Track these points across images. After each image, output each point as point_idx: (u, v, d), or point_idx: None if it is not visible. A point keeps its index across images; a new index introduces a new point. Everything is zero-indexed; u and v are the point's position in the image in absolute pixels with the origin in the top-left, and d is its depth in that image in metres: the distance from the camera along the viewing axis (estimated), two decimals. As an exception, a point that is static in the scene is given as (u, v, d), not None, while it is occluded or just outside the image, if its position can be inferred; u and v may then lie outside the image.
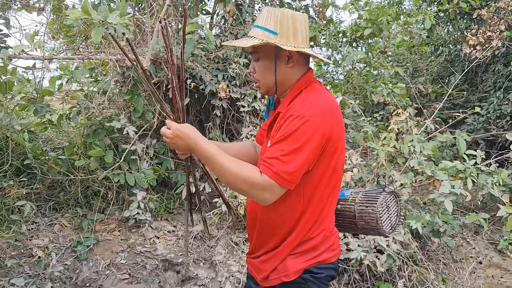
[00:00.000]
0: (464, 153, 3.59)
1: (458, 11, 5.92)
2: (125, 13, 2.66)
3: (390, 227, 1.92)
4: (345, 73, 6.49)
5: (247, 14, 4.65)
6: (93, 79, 4.52)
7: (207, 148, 1.51)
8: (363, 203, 1.88)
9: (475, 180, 3.34)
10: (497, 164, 4.77)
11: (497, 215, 3.59)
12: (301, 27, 1.59)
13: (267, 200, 1.48)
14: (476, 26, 5.83)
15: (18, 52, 2.97)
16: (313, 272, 1.61)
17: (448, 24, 7.27)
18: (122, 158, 3.93)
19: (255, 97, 4.51)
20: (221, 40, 4.52)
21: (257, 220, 1.69)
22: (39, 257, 3.44)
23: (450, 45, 7.24)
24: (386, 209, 1.90)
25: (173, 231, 4.15)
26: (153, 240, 3.94)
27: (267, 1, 5.04)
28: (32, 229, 3.76)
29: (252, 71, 1.67)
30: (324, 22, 5.58)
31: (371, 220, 1.85)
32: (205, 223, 2.10)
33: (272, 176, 1.44)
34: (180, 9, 4.63)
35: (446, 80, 7.10)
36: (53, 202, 4.06)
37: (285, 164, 1.44)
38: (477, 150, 3.59)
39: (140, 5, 4.65)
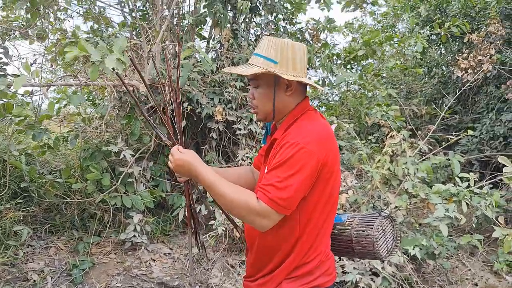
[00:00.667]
0: (457, 176, 3.62)
1: (449, 35, 6.04)
2: (124, 47, 2.72)
3: (386, 251, 1.93)
4: (340, 95, 6.57)
5: (243, 39, 4.74)
6: (91, 102, 4.57)
7: (207, 175, 1.57)
8: (359, 227, 1.90)
9: (468, 203, 3.37)
10: (491, 185, 4.81)
11: (492, 236, 3.61)
12: (300, 56, 1.64)
13: (264, 226, 1.52)
14: (467, 50, 5.94)
15: (17, 88, 3.01)
16: None
17: (441, 46, 7.40)
18: (119, 181, 3.96)
19: (251, 120, 4.57)
20: (217, 64, 4.59)
21: (255, 245, 1.72)
22: (34, 281, 3.43)
23: (443, 67, 7.35)
24: (383, 233, 1.92)
25: (169, 253, 4.14)
26: (149, 263, 3.94)
27: (262, 25, 5.13)
28: (27, 252, 3.75)
29: (251, 97, 1.72)
30: (319, 45, 5.68)
31: (367, 244, 1.86)
32: (203, 246, 2.12)
33: (268, 203, 1.48)
34: (179, 33, 4.71)
35: (440, 102, 7.19)
36: (49, 225, 4.07)
37: (280, 191, 1.47)
38: (470, 173, 3.63)
39: (137, 29, 4.73)
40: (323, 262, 1.67)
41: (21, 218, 3.76)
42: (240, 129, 4.51)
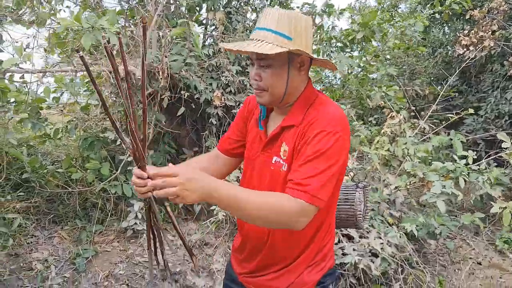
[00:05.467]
0: (456, 154, 3.59)
1: (451, 13, 5.92)
2: (115, 22, 2.71)
3: (362, 218, 1.97)
4: (342, 78, 6.49)
5: (238, 23, 4.69)
6: (90, 92, 4.56)
7: (228, 189, 1.31)
8: (340, 202, 1.90)
9: (466, 179, 3.33)
10: (496, 164, 4.75)
11: (490, 211, 3.56)
12: (310, 31, 1.48)
13: (303, 225, 1.38)
14: (468, 26, 5.83)
15: (7, 67, 3.01)
16: (321, 282, 1.60)
17: (444, 25, 7.28)
18: (119, 169, 3.96)
19: (250, 104, 4.52)
20: (213, 49, 4.55)
21: (267, 242, 1.61)
22: (39, 270, 3.47)
23: (448, 47, 7.22)
24: (360, 204, 1.94)
25: (171, 240, 4.16)
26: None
27: (257, 9, 5.07)
28: (31, 242, 3.79)
29: (258, 79, 1.49)
30: (315, 27, 5.59)
31: (349, 218, 1.91)
32: (167, 266, 1.90)
33: (309, 200, 1.35)
34: (174, 19, 4.67)
35: (445, 82, 7.09)
36: (52, 215, 4.10)
37: (319, 183, 1.36)
38: (469, 151, 3.59)
39: (134, 18, 4.70)
40: (332, 244, 1.65)
41: (24, 208, 3.80)
42: (239, 114, 4.48)
